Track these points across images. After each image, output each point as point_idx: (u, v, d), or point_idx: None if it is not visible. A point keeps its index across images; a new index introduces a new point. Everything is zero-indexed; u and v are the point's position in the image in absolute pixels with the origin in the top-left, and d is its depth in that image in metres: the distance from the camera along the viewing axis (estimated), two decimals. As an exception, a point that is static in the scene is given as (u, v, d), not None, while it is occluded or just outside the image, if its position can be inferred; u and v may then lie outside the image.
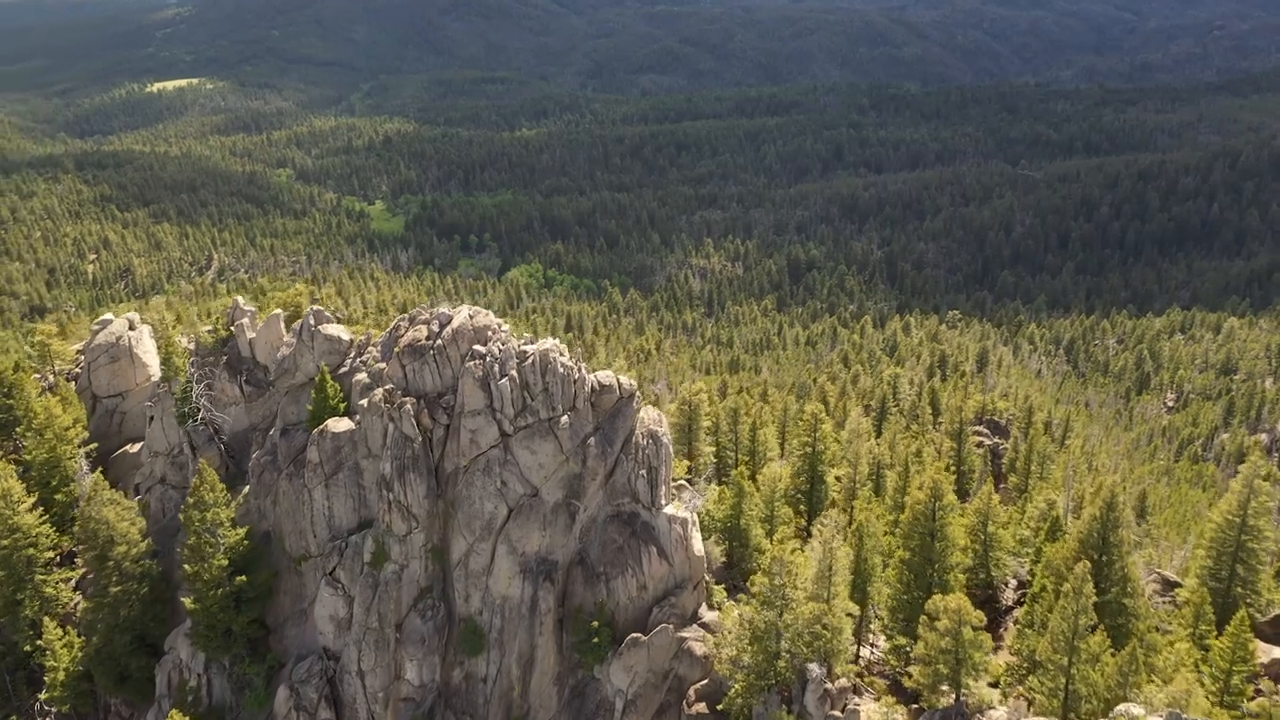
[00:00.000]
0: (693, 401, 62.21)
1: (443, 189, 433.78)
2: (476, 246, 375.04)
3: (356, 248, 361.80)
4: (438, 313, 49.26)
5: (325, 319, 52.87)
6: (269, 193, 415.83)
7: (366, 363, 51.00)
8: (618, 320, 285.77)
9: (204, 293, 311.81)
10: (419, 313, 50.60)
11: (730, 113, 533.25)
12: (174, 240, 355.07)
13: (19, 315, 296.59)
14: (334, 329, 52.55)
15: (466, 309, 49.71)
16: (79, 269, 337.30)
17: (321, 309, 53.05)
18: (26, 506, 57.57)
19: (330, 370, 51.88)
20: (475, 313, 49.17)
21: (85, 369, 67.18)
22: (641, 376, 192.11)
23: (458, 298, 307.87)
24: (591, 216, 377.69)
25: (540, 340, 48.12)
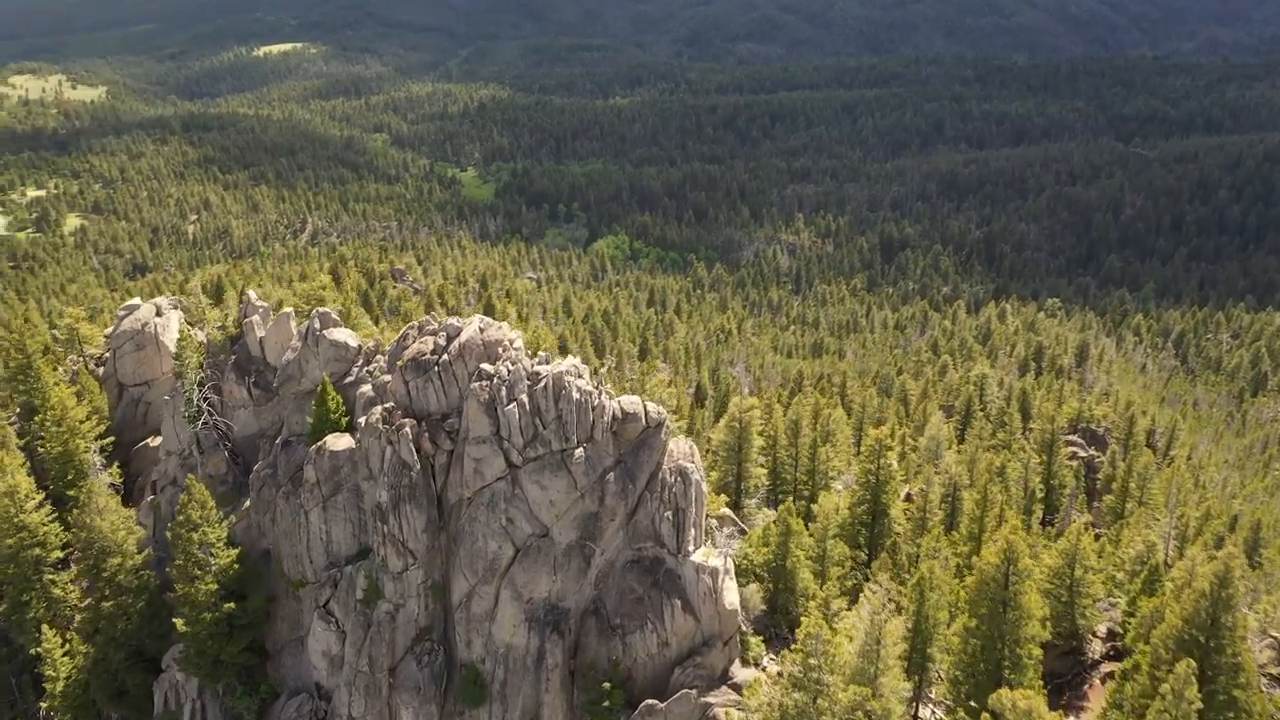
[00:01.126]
0: (743, 420, 55.62)
1: (534, 157, 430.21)
2: (565, 216, 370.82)
3: (446, 214, 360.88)
4: (446, 323, 43.64)
5: (332, 322, 47.81)
6: (364, 158, 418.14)
7: (373, 373, 45.80)
8: (702, 296, 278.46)
9: (296, 256, 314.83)
10: (427, 322, 45.07)
11: (828, 83, 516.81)
12: (271, 203, 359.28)
13: (122, 273, 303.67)
14: (340, 334, 47.44)
15: (478, 320, 43.93)
16: (180, 229, 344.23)
17: (328, 311, 48.04)
18: (34, 504, 54.35)
19: (335, 379, 46.95)
20: (487, 325, 43.36)
21: (111, 356, 63.87)
22: (720, 358, 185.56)
23: (542, 267, 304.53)
24: (681, 188, 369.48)
25: (557, 360, 42.06)
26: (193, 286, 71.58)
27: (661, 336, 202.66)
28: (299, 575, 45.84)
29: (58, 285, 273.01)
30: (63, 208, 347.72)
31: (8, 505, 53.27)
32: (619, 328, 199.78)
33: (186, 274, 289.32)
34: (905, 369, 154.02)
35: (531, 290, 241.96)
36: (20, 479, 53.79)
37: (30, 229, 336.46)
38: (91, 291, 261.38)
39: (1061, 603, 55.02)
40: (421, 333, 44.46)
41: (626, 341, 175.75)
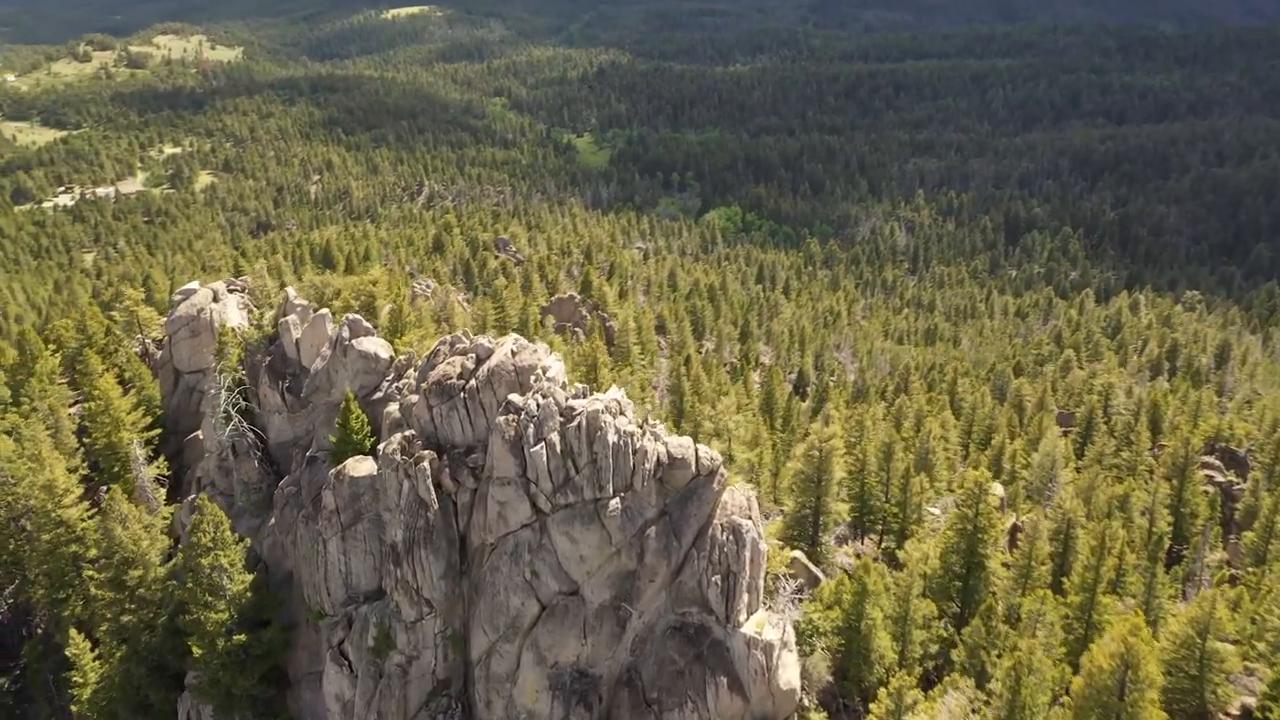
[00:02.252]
0: (824, 449, 48.92)
1: (650, 124, 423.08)
2: (678, 185, 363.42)
3: (560, 181, 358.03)
4: (476, 344, 38.23)
5: (363, 330, 43.04)
6: (482, 122, 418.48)
7: (402, 391, 40.90)
8: (813, 273, 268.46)
9: (411, 219, 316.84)
10: (458, 339, 39.74)
11: (957, 52, 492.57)
12: (390, 165, 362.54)
13: (247, 230, 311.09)
14: (370, 344, 42.60)
15: (511, 341, 38.38)
16: (303, 189, 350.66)
17: (359, 318, 43.27)
18: (73, 499, 51.81)
19: (363, 394, 42.34)
20: (521, 347, 37.74)
21: (167, 342, 61.05)
22: (826, 342, 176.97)
23: (651, 238, 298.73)
24: (798, 159, 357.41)
25: (595, 396, 36.16)
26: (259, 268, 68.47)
27: (766, 317, 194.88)
28: (318, 606, 41.62)
29: (185, 241, 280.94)
30: (195, 165, 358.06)
31: (45, 499, 50.83)
32: (722, 306, 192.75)
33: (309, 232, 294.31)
34: (1024, 365, 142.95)
35: (638, 262, 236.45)
36: (59, 472, 51.25)
37: (165, 185, 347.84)
38: (216, 249, 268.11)
39: (1188, 677, 47.03)
40: (452, 350, 39.24)
41: (728, 322, 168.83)
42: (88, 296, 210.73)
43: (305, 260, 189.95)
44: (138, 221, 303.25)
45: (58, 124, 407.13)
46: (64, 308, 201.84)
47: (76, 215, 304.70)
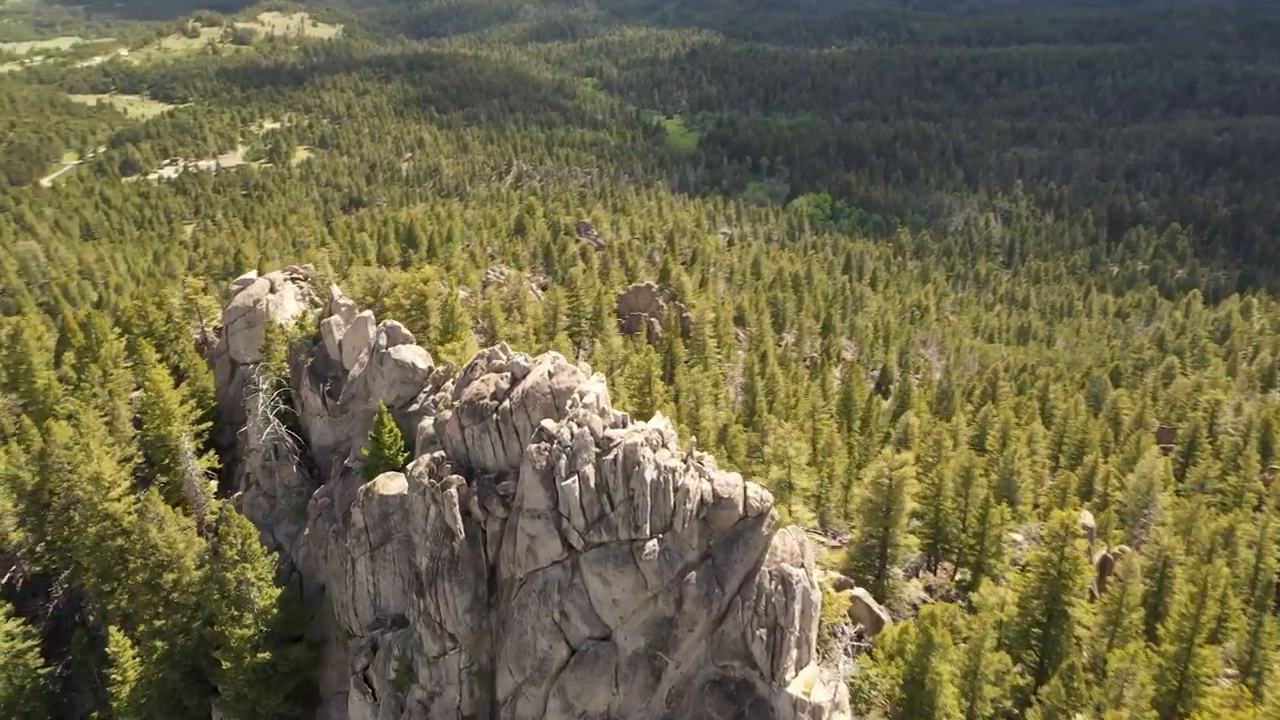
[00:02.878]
0: (894, 479, 44.86)
1: (741, 107, 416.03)
2: (767, 170, 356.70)
3: (647, 163, 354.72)
4: (513, 361, 35.38)
5: (401, 338, 40.62)
6: (573, 102, 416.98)
7: (438, 405, 38.36)
8: (902, 264, 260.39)
9: (498, 199, 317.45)
10: (495, 354, 36.96)
11: (1065, 37, 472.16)
12: (480, 144, 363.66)
13: (339, 206, 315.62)
14: (408, 353, 40.15)
15: (549, 360, 35.40)
16: (395, 166, 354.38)
17: (397, 325, 40.83)
18: (120, 491, 50.88)
19: (399, 406, 39.98)
20: (559, 368, 34.73)
21: (224, 332, 59.93)
22: (912, 338, 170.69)
23: (737, 223, 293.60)
24: (891, 146, 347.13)
25: (635, 425, 32.98)
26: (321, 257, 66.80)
27: (850, 310, 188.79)
28: (346, 625, 39.60)
29: (280, 215, 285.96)
30: (293, 140, 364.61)
31: (91, 492, 49.93)
32: (805, 297, 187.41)
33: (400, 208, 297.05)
34: (1123, 371, 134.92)
35: (722, 249, 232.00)
36: (106, 465, 50.33)
37: (263, 159, 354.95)
38: (307, 224, 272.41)
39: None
40: (489, 366, 36.51)
41: (809, 315, 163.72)
42: (183, 268, 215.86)
43: (389, 239, 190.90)
44: (236, 195, 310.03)
45: (165, 98, 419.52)
46: (160, 279, 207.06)
47: (179, 187, 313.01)
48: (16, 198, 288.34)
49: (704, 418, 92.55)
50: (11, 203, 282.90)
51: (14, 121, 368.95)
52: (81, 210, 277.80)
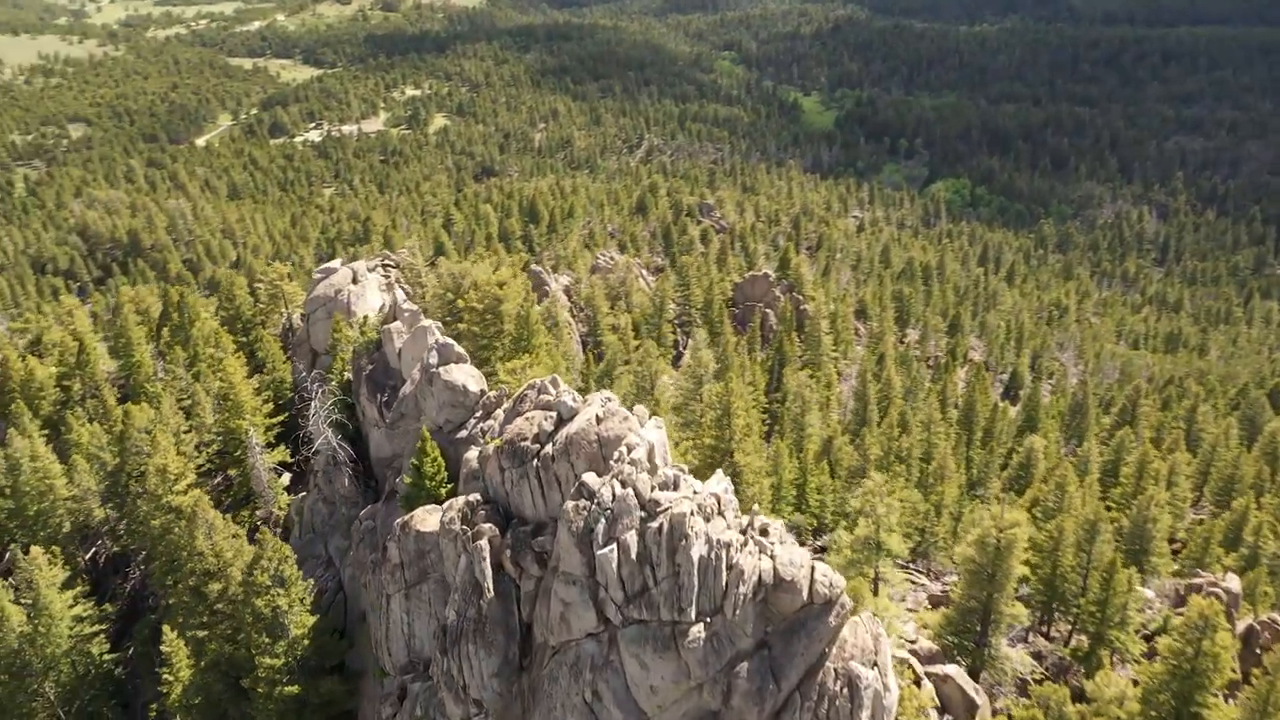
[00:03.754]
0: (1001, 541, 39.12)
1: (882, 85, 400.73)
2: (905, 152, 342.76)
3: (781, 141, 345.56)
4: (560, 399, 31.36)
5: (454, 356, 37.14)
6: (709, 76, 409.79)
7: (485, 436, 34.79)
8: (1043, 258, 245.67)
9: (626, 173, 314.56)
10: (546, 388, 33.03)
11: (1244, 17, 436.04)
12: (612, 117, 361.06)
13: (471, 174, 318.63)
14: (460, 374, 36.62)
15: (598, 402, 31.17)
16: (528, 136, 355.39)
17: (450, 342, 37.28)
18: (186, 484, 49.57)
19: (447, 431, 36.62)
20: (609, 412, 30.45)
21: (305, 321, 58.12)
22: (1047, 341, 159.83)
23: (869, 207, 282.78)
24: (1040, 131, 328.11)
25: (688, 486, 28.56)
26: (410, 245, 64.24)
27: (982, 306, 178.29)
28: (380, 662, 36.74)
29: (413, 182, 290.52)
30: (432, 108, 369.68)
31: (157, 484, 48.72)
32: (934, 290, 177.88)
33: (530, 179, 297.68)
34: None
35: (850, 234, 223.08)
36: (171, 457, 49.00)
37: (403, 126, 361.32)
38: (440, 191, 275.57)
39: None
40: (537, 399, 32.66)
41: (936, 312, 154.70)
42: (316, 232, 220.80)
43: (512, 212, 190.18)
44: (374, 160, 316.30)
45: (316, 63, 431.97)
46: (294, 242, 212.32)
47: (321, 151, 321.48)
48: (174, 156, 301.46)
49: (809, 425, 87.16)
50: (169, 160, 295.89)
51: (176, 83, 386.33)
52: (230, 170, 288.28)
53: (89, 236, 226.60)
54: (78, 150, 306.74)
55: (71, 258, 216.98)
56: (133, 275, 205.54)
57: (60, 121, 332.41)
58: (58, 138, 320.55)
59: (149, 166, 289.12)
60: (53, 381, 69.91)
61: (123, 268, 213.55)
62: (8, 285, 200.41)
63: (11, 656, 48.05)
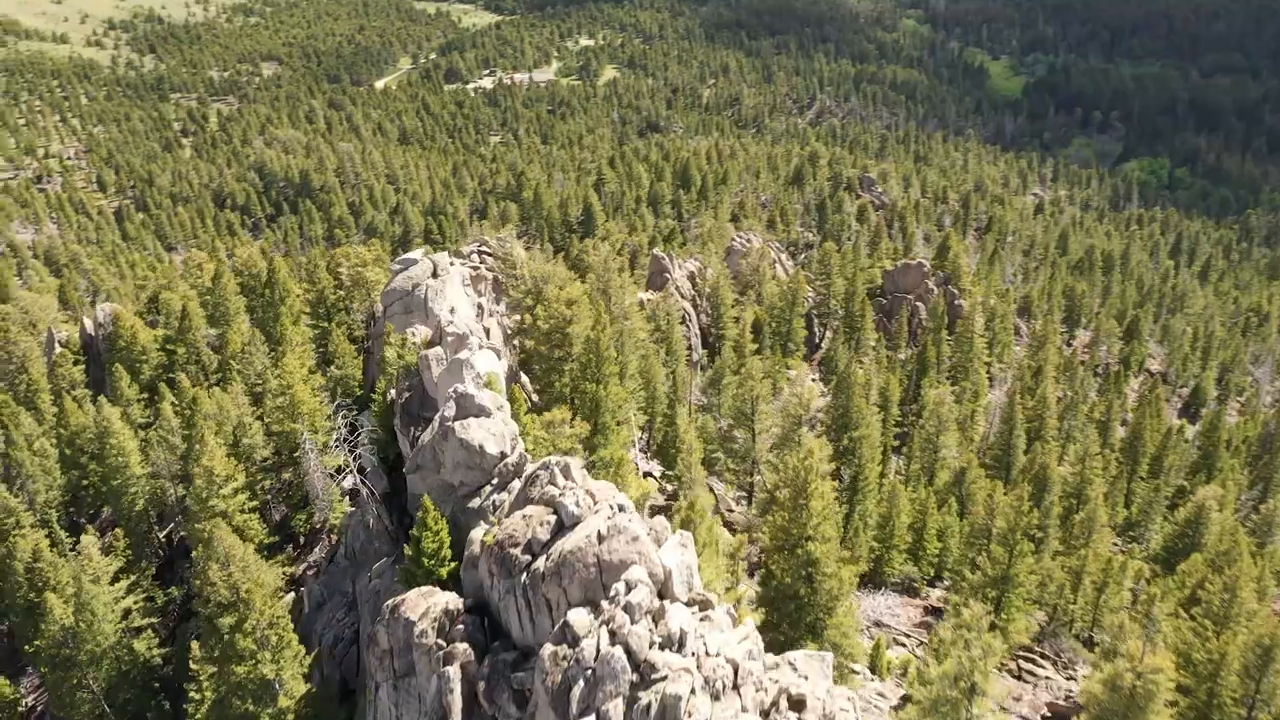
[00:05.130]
0: (1139, 690, 30.46)
1: (1079, 51, 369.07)
2: (1098, 125, 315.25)
3: (961, 108, 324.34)
4: (562, 500, 24.94)
5: (474, 409, 31.21)
6: (891, 35, 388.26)
7: (497, 511, 28.87)
8: (1247, 252, 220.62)
9: (794, 134, 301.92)
10: (556, 472, 26.66)
11: None
12: (784, 75, 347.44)
13: (635, 129, 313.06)
14: (479, 431, 30.58)
15: (605, 512, 24.60)
16: (696, 92, 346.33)
17: (470, 393, 31.21)
18: (233, 488, 46.31)
19: (463, 495, 30.93)
20: (616, 529, 23.76)
21: (381, 315, 53.66)
22: (1240, 351, 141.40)
23: (1051, 185, 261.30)
24: (1258, 108, 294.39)
25: (702, 636, 21.73)
26: (507, 234, 58.65)
27: (1166, 308, 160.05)
28: (373, 747, 31.86)
29: (577, 135, 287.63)
30: (604, 59, 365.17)
31: (202, 487, 45.61)
32: (1113, 287, 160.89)
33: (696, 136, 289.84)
34: None
35: (1026, 215, 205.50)
36: (218, 460, 45.71)
37: (573, 76, 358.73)
38: (601, 146, 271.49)
39: None
40: (547, 481, 26.42)
41: (1110, 314, 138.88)
42: (474, 183, 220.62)
43: (665, 175, 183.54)
44: (541, 111, 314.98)
45: (496, 9, 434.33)
46: (453, 191, 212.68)
47: (491, 99, 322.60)
48: (353, 98, 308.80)
49: (944, 447, 77.79)
50: (348, 102, 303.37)
51: (363, 25, 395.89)
52: (403, 115, 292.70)
53: (265, 174, 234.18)
54: (267, 88, 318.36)
55: (248, 194, 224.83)
56: (301, 215, 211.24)
57: (255, 60, 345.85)
58: (251, 75, 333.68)
59: (329, 108, 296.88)
60: (157, 345, 68.93)
61: (292, 207, 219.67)
62: (189, 218, 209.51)
63: (55, 648, 46.33)
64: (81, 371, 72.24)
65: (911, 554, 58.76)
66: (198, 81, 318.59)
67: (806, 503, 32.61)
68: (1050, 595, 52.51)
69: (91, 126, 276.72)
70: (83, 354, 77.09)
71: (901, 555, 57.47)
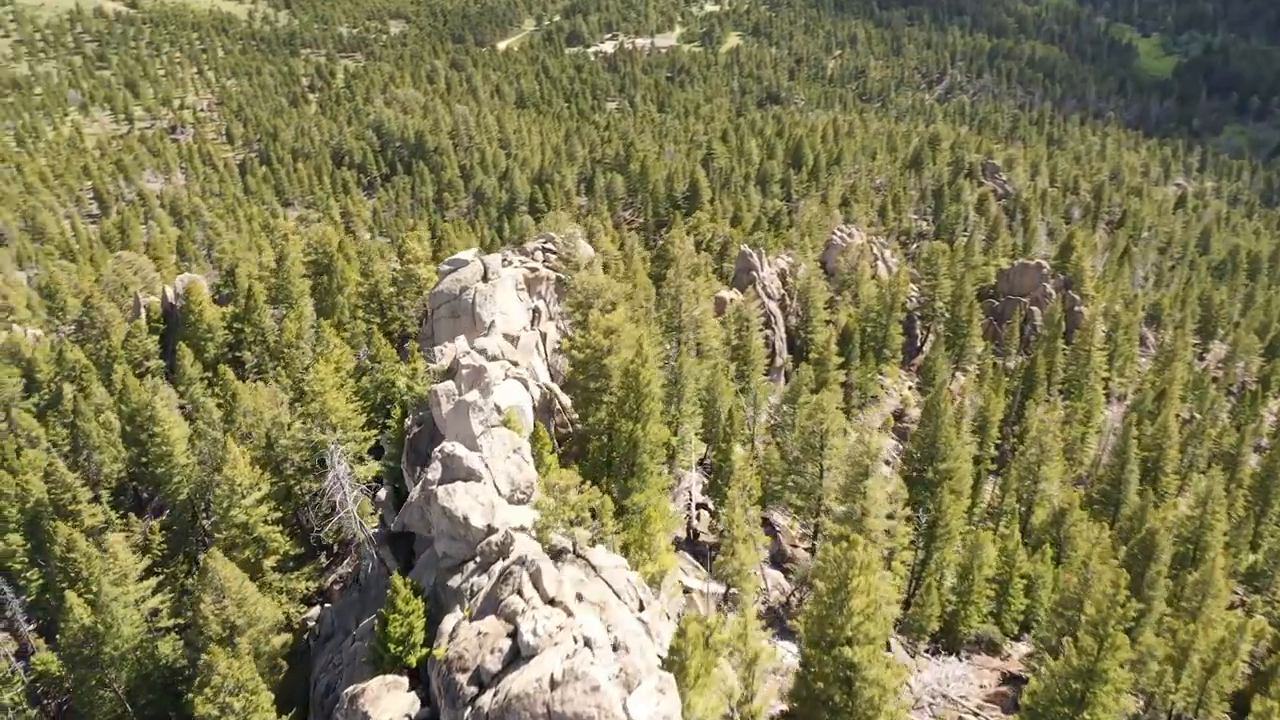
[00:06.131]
0: None
1: (1240, 29, 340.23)
2: (1255, 112, 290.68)
3: (1103, 89, 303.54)
4: (523, 624, 20.52)
5: (464, 472, 26.99)
6: (1032, 8, 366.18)
7: (474, 596, 24.72)
8: None
9: (919, 111, 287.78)
10: (525, 579, 22.24)
11: None
12: (914, 48, 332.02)
13: (755, 100, 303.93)
14: (464, 499, 26.21)
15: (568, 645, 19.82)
16: (821, 62, 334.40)
17: (457, 453, 26.59)
18: (254, 500, 43.76)
19: (448, 567, 26.86)
20: (574, 674, 19.05)
21: (428, 317, 50.17)
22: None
23: (1197, 176, 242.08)
24: None
25: None
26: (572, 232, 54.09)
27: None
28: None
29: (694, 104, 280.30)
30: (727, 25, 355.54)
31: (223, 497, 43.24)
32: (1256, 294, 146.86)
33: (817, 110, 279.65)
34: None
35: (1165, 210, 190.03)
36: (241, 469, 43.16)
37: (696, 43, 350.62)
38: (718, 116, 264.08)
39: None
40: (509, 596, 22.13)
41: (1249, 329, 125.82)
42: (584, 150, 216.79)
43: (777, 152, 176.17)
44: (660, 78, 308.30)
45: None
46: (563, 159, 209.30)
47: (611, 64, 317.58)
48: (474, 59, 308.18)
49: (1044, 478, 70.46)
50: (469, 63, 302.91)
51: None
52: (521, 78, 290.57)
53: (383, 133, 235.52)
54: (392, 46, 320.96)
55: (365, 152, 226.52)
56: (414, 176, 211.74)
57: (383, 17, 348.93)
58: (378, 32, 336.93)
59: (451, 68, 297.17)
60: (224, 323, 67.58)
61: (406, 168, 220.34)
62: (307, 175, 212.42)
63: (76, 647, 44.92)
64: (156, 343, 71.67)
65: (993, 611, 52.68)
66: (327, 37, 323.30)
67: (848, 599, 27.61)
68: (1149, 680, 45.90)
69: (225, 79, 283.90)
70: (163, 322, 76.77)
71: (980, 613, 51.43)
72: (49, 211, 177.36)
